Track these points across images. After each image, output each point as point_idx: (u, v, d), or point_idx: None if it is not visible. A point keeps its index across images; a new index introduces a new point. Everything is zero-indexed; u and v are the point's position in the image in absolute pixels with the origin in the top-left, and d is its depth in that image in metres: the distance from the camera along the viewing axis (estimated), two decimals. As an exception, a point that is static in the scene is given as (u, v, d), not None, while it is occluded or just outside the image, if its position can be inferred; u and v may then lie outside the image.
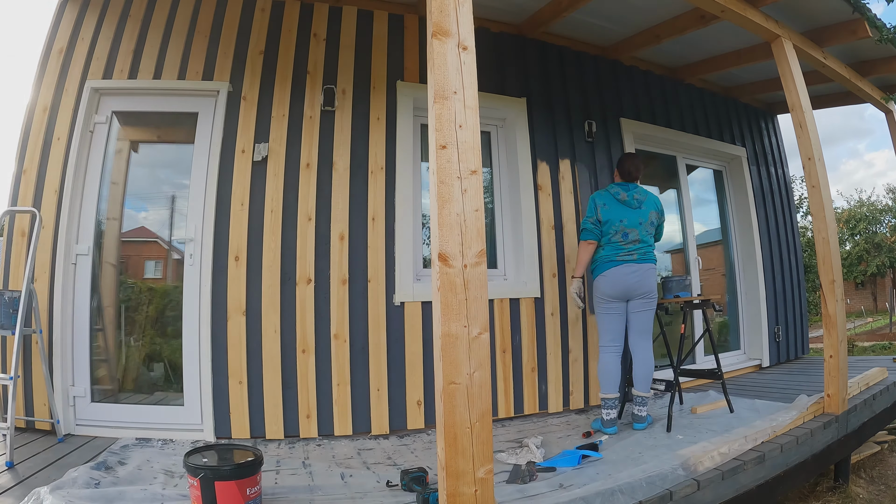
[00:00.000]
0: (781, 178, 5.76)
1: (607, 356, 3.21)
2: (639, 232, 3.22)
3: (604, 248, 3.26)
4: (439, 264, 1.72)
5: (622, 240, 3.20)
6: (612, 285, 3.19)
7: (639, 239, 3.22)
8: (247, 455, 2.06)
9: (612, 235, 3.22)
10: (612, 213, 3.23)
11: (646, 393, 3.13)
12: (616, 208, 3.24)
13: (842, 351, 3.15)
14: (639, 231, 3.22)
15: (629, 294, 3.20)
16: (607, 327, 3.25)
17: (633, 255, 3.20)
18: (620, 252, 3.20)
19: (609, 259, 3.22)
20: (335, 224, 3.33)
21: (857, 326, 12.96)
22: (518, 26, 4.04)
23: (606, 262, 3.23)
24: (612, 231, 3.21)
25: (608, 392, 3.13)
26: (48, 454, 2.62)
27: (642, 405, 3.12)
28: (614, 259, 3.20)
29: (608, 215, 3.23)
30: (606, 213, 3.24)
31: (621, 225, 3.21)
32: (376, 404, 3.25)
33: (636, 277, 3.17)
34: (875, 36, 3.68)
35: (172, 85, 3.34)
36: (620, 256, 3.20)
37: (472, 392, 1.70)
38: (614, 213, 3.23)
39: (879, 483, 3.40)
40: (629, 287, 3.18)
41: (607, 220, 3.23)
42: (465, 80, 1.82)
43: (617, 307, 3.23)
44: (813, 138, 3.30)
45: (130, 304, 3.54)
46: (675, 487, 2.14)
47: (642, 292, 3.20)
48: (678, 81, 4.93)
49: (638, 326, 3.23)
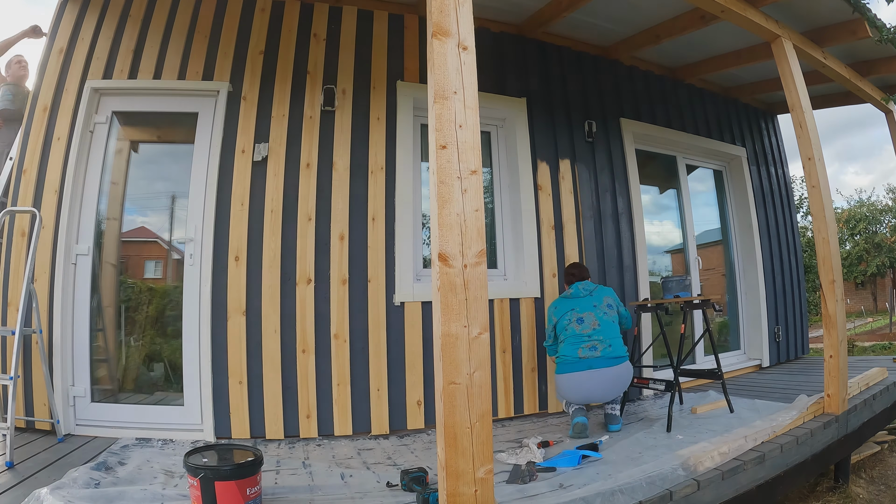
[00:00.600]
0: (781, 178, 5.76)
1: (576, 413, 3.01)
2: (595, 315, 3.03)
3: (563, 343, 3.07)
4: (439, 264, 1.72)
5: (578, 326, 3.02)
6: (576, 393, 2.98)
7: (597, 323, 3.01)
8: (247, 455, 2.06)
9: (567, 325, 3.07)
10: (560, 309, 3.18)
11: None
12: (564, 303, 3.19)
13: (842, 351, 3.15)
14: (595, 314, 3.04)
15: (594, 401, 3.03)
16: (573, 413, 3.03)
17: (596, 350, 2.94)
18: (582, 344, 2.97)
19: (569, 359, 2.99)
20: (335, 224, 3.33)
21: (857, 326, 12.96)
22: (518, 26, 4.04)
23: (567, 363, 3.01)
24: (566, 322, 3.08)
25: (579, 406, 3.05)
26: (48, 454, 2.62)
27: (615, 403, 3.08)
28: (575, 356, 2.96)
29: (559, 313, 3.17)
30: (557, 312, 3.19)
31: (573, 313, 3.08)
32: (376, 404, 3.25)
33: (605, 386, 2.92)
34: (875, 36, 3.68)
35: (172, 85, 3.34)
36: (583, 352, 2.95)
37: (472, 392, 1.70)
38: (563, 307, 3.17)
39: (879, 483, 3.40)
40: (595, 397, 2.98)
41: (559, 316, 3.14)
42: (465, 80, 1.82)
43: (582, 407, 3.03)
44: (813, 138, 3.30)
45: (130, 304, 3.54)
46: (675, 487, 2.14)
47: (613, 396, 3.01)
48: (678, 81, 4.93)
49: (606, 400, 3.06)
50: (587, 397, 3.01)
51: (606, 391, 2.97)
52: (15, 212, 3.11)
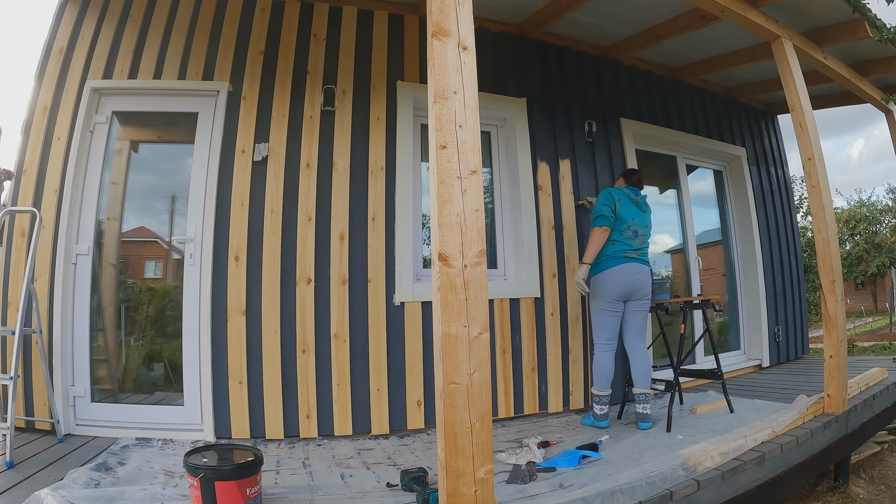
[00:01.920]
0: (781, 178, 5.76)
1: (604, 355, 3.25)
2: (645, 235, 3.34)
3: (614, 243, 3.27)
4: (439, 264, 1.72)
5: (632, 237, 3.27)
6: (620, 284, 3.21)
7: (644, 241, 3.33)
8: (247, 455, 2.06)
9: (623, 231, 3.26)
10: (626, 210, 3.30)
11: (647, 390, 3.14)
12: (630, 207, 3.32)
13: (842, 351, 3.15)
14: (646, 235, 3.35)
15: (632, 294, 3.24)
16: (606, 327, 3.26)
17: (639, 255, 3.28)
18: (629, 250, 3.25)
19: (618, 256, 3.24)
20: (335, 224, 3.33)
21: (857, 326, 12.96)
22: (518, 26, 4.04)
23: (615, 258, 3.24)
24: (624, 227, 3.27)
25: (602, 389, 3.20)
26: (48, 454, 2.62)
27: (646, 402, 3.12)
28: (622, 256, 3.23)
29: (623, 211, 3.29)
30: (623, 208, 3.30)
31: (633, 223, 3.28)
32: (376, 404, 3.25)
33: (641, 278, 3.24)
34: (875, 36, 3.69)
35: (172, 85, 3.34)
36: (628, 254, 3.24)
37: (472, 392, 1.70)
38: (628, 211, 3.30)
39: (879, 483, 3.40)
40: (634, 287, 3.22)
41: (621, 216, 3.27)
42: (465, 80, 1.82)
43: (618, 307, 3.27)
44: (813, 138, 3.30)
45: (130, 304, 3.54)
46: (675, 487, 2.14)
47: (643, 294, 3.26)
48: (678, 81, 4.93)
49: (635, 327, 3.28)
50: (630, 285, 3.22)
51: (642, 280, 3.25)
52: (15, 212, 3.11)
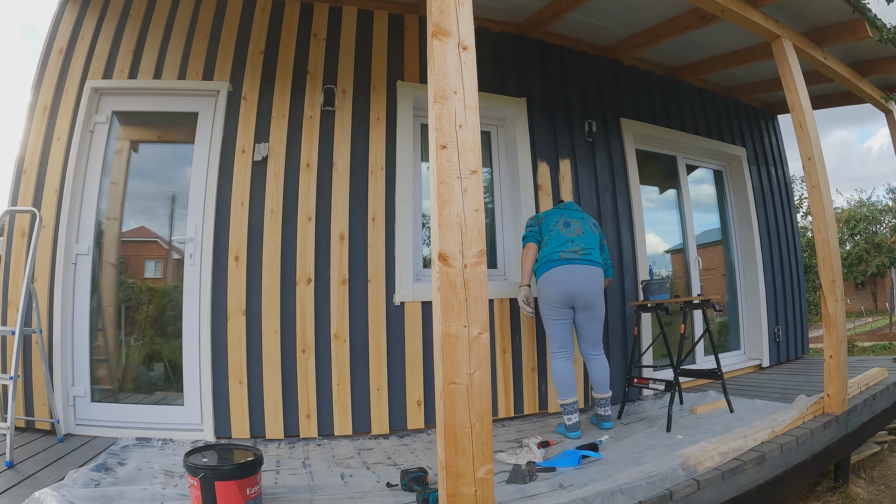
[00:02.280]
0: (781, 178, 5.76)
1: (559, 363, 3.09)
2: (581, 224, 3.17)
3: (546, 243, 3.13)
4: (439, 264, 1.72)
5: (564, 229, 3.13)
6: (556, 288, 3.03)
7: (582, 230, 3.13)
8: (247, 455, 2.06)
9: (553, 227, 3.15)
10: (551, 214, 3.27)
11: (607, 394, 3.14)
12: (555, 211, 3.30)
13: (842, 351, 3.15)
14: (581, 224, 3.17)
15: (574, 300, 3.05)
16: (556, 335, 3.11)
17: (576, 253, 3.05)
18: (564, 247, 3.06)
19: (551, 258, 3.07)
20: (335, 224, 3.33)
21: (857, 326, 12.96)
22: (518, 26, 4.04)
23: (548, 261, 3.08)
24: (553, 223, 3.16)
25: (566, 397, 3.04)
26: (48, 454, 2.62)
27: (606, 406, 3.14)
28: (557, 258, 3.05)
29: (548, 216, 3.26)
30: (547, 214, 3.29)
31: (562, 217, 3.20)
32: (376, 404, 3.25)
33: (581, 281, 3.02)
34: (875, 36, 3.69)
35: (172, 85, 3.34)
36: (564, 254, 3.05)
37: (472, 392, 1.70)
38: (554, 213, 3.27)
39: (879, 483, 3.40)
40: (573, 292, 3.02)
41: (548, 220, 3.22)
42: (465, 80, 1.82)
43: (564, 313, 3.09)
44: (813, 138, 3.30)
45: (130, 303, 3.54)
46: (675, 487, 2.14)
47: (587, 302, 3.05)
48: (678, 81, 4.93)
49: (589, 338, 3.14)
50: (567, 291, 3.03)
51: (584, 286, 3.03)
52: (15, 212, 3.12)
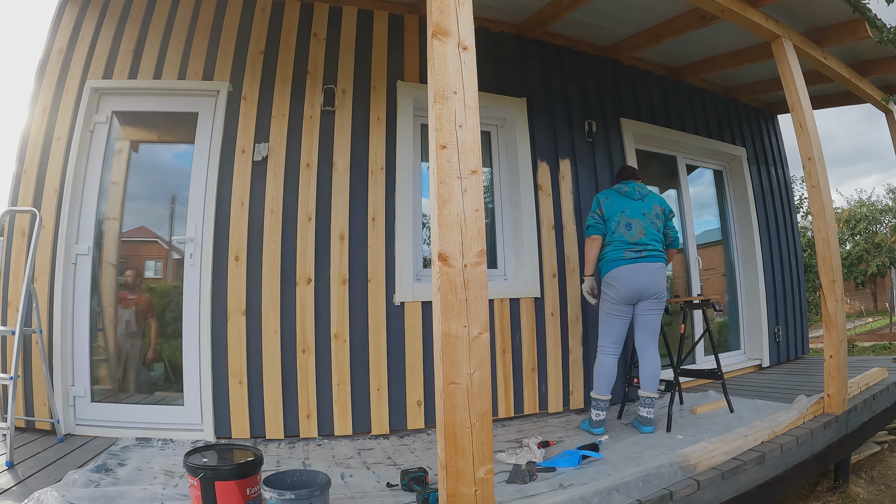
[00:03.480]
0: (781, 178, 5.76)
1: (606, 359, 3.13)
2: (643, 223, 3.12)
3: (609, 244, 3.16)
4: (439, 264, 1.72)
5: (626, 232, 3.11)
6: (623, 286, 3.07)
7: (643, 231, 3.11)
8: (247, 455, 2.06)
9: (616, 229, 3.14)
10: (613, 205, 3.19)
11: (653, 394, 3.05)
12: (617, 200, 3.20)
13: (842, 351, 3.15)
14: (642, 222, 3.12)
15: (640, 296, 3.09)
16: (611, 330, 3.15)
17: (641, 254, 3.08)
18: (627, 249, 3.09)
19: (616, 258, 3.11)
20: (335, 224, 3.33)
21: (857, 326, 12.95)
22: (518, 26, 4.04)
23: (613, 261, 3.12)
24: (615, 224, 3.14)
25: (602, 393, 3.07)
26: (48, 454, 2.62)
27: (650, 406, 3.04)
28: (622, 258, 3.09)
29: (610, 208, 3.18)
30: (609, 206, 3.19)
31: (623, 216, 3.13)
32: (376, 404, 3.25)
33: (647, 279, 3.05)
34: (875, 36, 3.68)
35: (172, 85, 3.34)
36: (628, 254, 3.08)
37: (472, 392, 1.70)
38: (616, 205, 3.18)
39: (879, 483, 3.40)
40: (640, 289, 3.06)
41: (609, 214, 3.17)
42: (465, 80, 1.82)
43: (625, 310, 3.13)
44: (813, 138, 3.30)
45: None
46: (675, 487, 2.14)
47: (653, 293, 3.09)
48: (678, 81, 4.93)
49: (646, 328, 3.13)
50: (633, 287, 3.07)
51: (650, 281, 3.07)
52: (15, 212, 3.11)
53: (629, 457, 2.53)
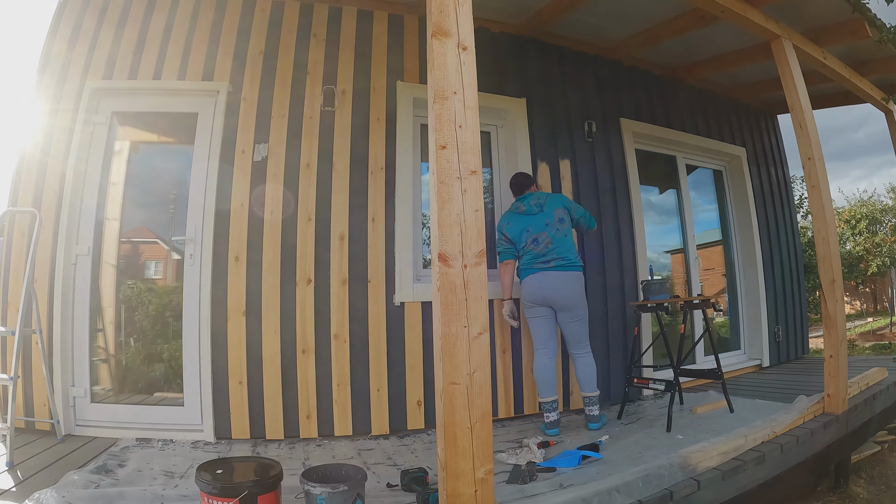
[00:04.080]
0: (781, 178, 5.76)
1: (538, 361, 3.24)
2: (548, 234, 3.21)
3: (521, 258, 3.30)
4: (439, 264, 1.72)
5: (535, 247, 3.22)
6: (531, 291, 3.22)
7: (550, 241, 3.20)
8: (270, 465, 1.95)
9: (525, 246, 3.25)
10: (515, 227, 3.28)
11: (593, 393, 3.16)
12: (518, 221, 3.29)
13: (842, 351, 3.15)
14: (548, 233, 3.21)
15: (549, 302, 3.20)
16: (536, 332, 3.27)
17: (549, 263, 3.18)
18: (537, 260, 3.21)
19: (527, 268, 3.25)
20: (335, 224, 3.32)
21: (857, 326, 12.94)
22: (518, 26, 4.04)
23: (523, 270, 3.28)
24: (524, 241, 3.25)
25: (545, 395, 3.16)
26: (48, 455, 2.62)
27: (593, 405, 3.16)
28: (531, 267, 3.23)
29: (513, 231, 3.29)
30: (511, 230, 3.30)
31: (528, 235, 3.23)
32: (376, 404, 3.25)
33: (554, 286, 3.16)
34: (875, 36, 3.68)
35: (172, 85, 3.34)
36: (537, 264, 3.20)
37: (472, 392, 1.70)
38: (518, 226, 3.28)
39: (879, 483, 3.39)
40: (547, 295, 3.18)
41: (515, 236, 3.28)
42: (465, 80, 1.82)
43: (541, 311, 3.23)
44: (813, 138, 3.30)
45: (130, 304, 3.54)
46: (675, 487, 2.14)
47: (564, 304, 3.18)
48: (678, 81, 4.92)
49: (571, 338, 3.24)
50: (541, 294, 3.19)
51: (557, 289, 3.17)
52: (15, 212, 3.11)
53: (629, 457, 2.53)
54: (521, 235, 3.26)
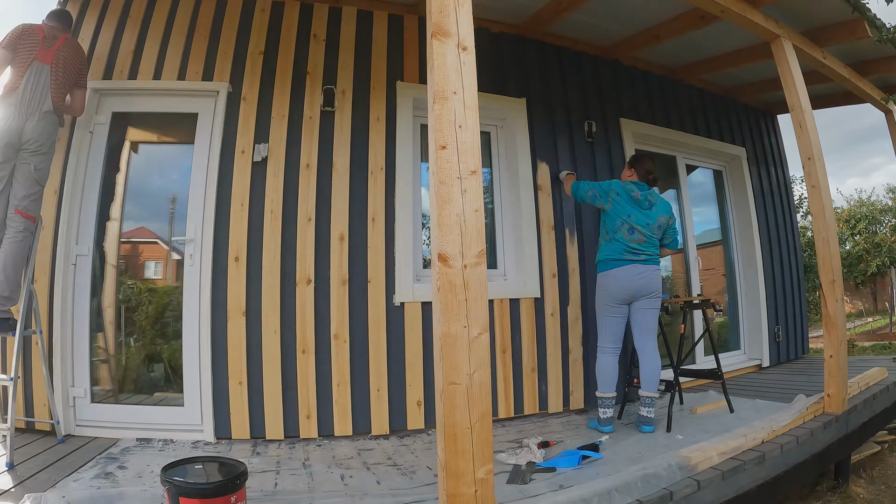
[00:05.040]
0: (781, 178, 5.76)
1: (606, 358, 3.18)
2: (644, 233, 3.17)
3: (610, 241, 3.20)
4: (439, 265, 1.72)
5: (629, 235, 3.15)
6: (619, 286, 3.14)
7: (644, 239, 3.17)
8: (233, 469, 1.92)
9: (618, 228, 3.17)
10: (620, 206, 3.20)
11: (653, 393, 3.07)
12: (626, 204, 3.21)
13: (842, 351, 3.15)
14: (644, 232, 3.17)
15: (636, 296, 3.15)
16: (609, 330, 3.21)
17: (639, 256, 3.15)
18: (626, 251, 3.14)
19: (614, 258, 3.16)
20: (335, 224, 3.32)
21: (857, 326, 12.94)
22: (518, 26, 4.04)
23: (612, 260, 3.17)
24: (619, 224, 3.17)
25: (606, 391, 3.12)
26: (48, 455, 2.62)
27: (650, 406, 3.06)
28: (620, 258, 3.14)
29: (616, 208, 3.20)
30: (616, 202, 3.21)
31: (627, 220, 3.16)
32: (376, 405, 3.25)
33: (643, 279, 3.13)
34: (875, 36, 3.68)
35: (172, 85, 3.34)
36: (627, 256, 3.14)
37: (472, 392, 1.70)
38: (622, 208, 3.20)
39: (879, 483, 3.40)
40: (635, 288, 3.13)
41: (615, 212, 3.19)
42: (465, 81, 1.82)
43: (621, 310, 3.19)
44: (813, 138, 3.31)
45: (130, 304, 3.54)
46: (675, 487, 2.14)
47: (648, 292, 3.15)
48: (678, 81, 4.93)
49: (644, 325, 3.18)
50: (629, 287, 3.14)
51: (646, 282, 3.14)
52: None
53: (629, 457, 2.53)
54: (619, 216, 3.17)
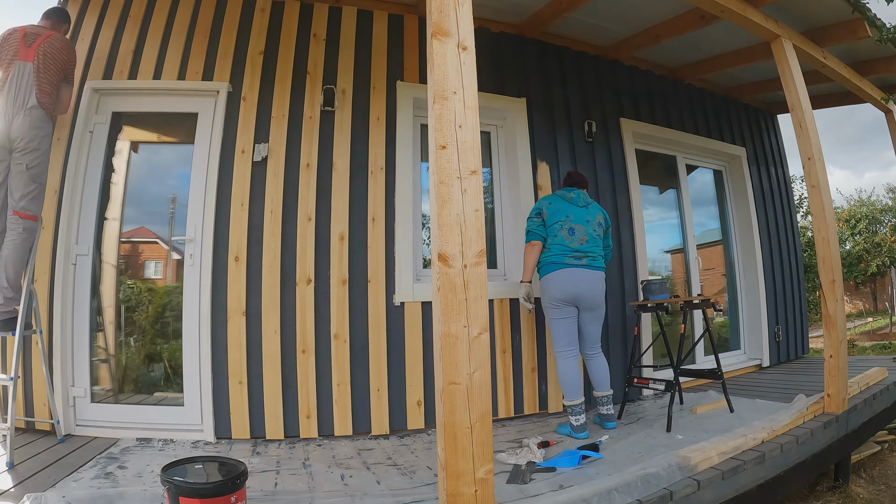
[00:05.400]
0: (781, 178, 5.76)
1: (565, 362, 3.09)
2: (586, 230, 3.14)
3: (550, 248, 3.14)
4: (439, 264, 1.72)
5: (569, 236, 3.10)
6: (561, 289, 3.08)
7: (586, 237, 3.13)
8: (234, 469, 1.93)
9: (557, 232, 3.12)
10: (557, 210, 3.16)
11: (608, 392, 3.15)
12: (561, 205, 3.19)
13: (842, 351, 3.15)
14: (586, 229, 3.14)
15: (578, 301, 3.10)
16: (561, 333, 3.12)
17: (582, 260, 3.10)
18: (568, 253, 3.10)
19: (556, 261, 3.11)
20: (335, 224, 3.33)
21: (857, 326, 12.94)
22: (518, 26, 4.04)
23: (553, 264, 3.11)
24: (558, 228, 3.12)
25: (573, 398, 3.03)
26: (48, 455, 2.62)
27: (608, 404, 3.15)
28: (562, 262, 3.09)
29: (553, 213, 3.16)
30: (552, 210, 3.18)
31: (567, 220, 3.12)
32: (376, 404, 3.25)
33: (585, 285, 3.09)
34: (875, 36, 3.69)
35: (172, 85, 3.34)
36: (568, 259, 3.09)
37: (472, 392, 1.70)
38: (559, 210, 3.16)
39: (879, 483, 3.40)
40: (578, 293, 3.08)
41: (552, 218, 3.15)
42: (465, 80, 1.82)
43: (569, 311, 3.12)
44: (813, 138, 3.30)
45: (130, 304, 3.54)
46: (674, 487, 2.14)
47: (592, 304, 3.13)
48: (678, 81, 4.93)
49: (590, 337, 3.19)
50: (572, 292, 3.08)
51: (589, 288, 3.11)
52: (15, 212, 3.10)
53: (629, 457, 2.53)
54: (558, 219, 3.13)
